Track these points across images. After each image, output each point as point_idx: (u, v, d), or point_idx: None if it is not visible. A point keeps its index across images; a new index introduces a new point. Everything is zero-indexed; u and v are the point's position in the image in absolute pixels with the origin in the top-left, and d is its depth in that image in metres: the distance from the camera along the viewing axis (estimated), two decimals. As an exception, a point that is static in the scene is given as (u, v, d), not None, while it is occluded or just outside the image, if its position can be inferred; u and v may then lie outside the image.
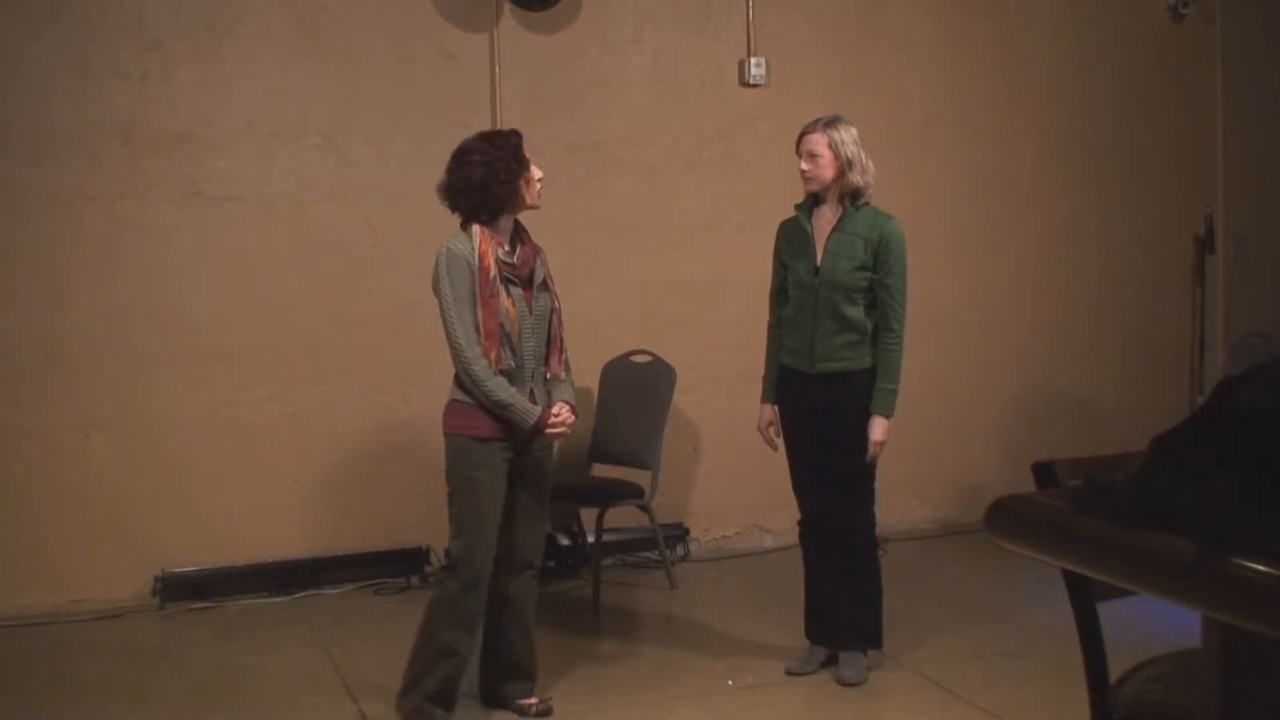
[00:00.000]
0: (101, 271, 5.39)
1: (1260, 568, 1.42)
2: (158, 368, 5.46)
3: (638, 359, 5.82)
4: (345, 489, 5.67)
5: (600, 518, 5.40)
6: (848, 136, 4.29)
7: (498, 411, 3.86)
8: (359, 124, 5.52)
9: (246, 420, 5.56)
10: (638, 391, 5.72)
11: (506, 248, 3.91)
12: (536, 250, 4.01)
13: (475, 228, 3.87)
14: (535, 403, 3.96)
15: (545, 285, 4.00)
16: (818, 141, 4.29)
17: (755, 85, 6.14)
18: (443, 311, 3.84)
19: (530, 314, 3.92)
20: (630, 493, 5.46)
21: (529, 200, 3.96)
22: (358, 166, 5.64)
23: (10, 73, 5.26)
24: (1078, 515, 1.68)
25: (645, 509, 5.54)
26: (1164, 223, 6.93)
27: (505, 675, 4.10)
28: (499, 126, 5.77)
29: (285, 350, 5.58)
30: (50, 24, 5.28)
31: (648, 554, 5.92)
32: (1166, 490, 1.57)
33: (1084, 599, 2.00)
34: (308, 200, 5.58)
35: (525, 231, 4.03)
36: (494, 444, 3.89)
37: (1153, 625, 2.77)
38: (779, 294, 4.52)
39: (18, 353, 5.30)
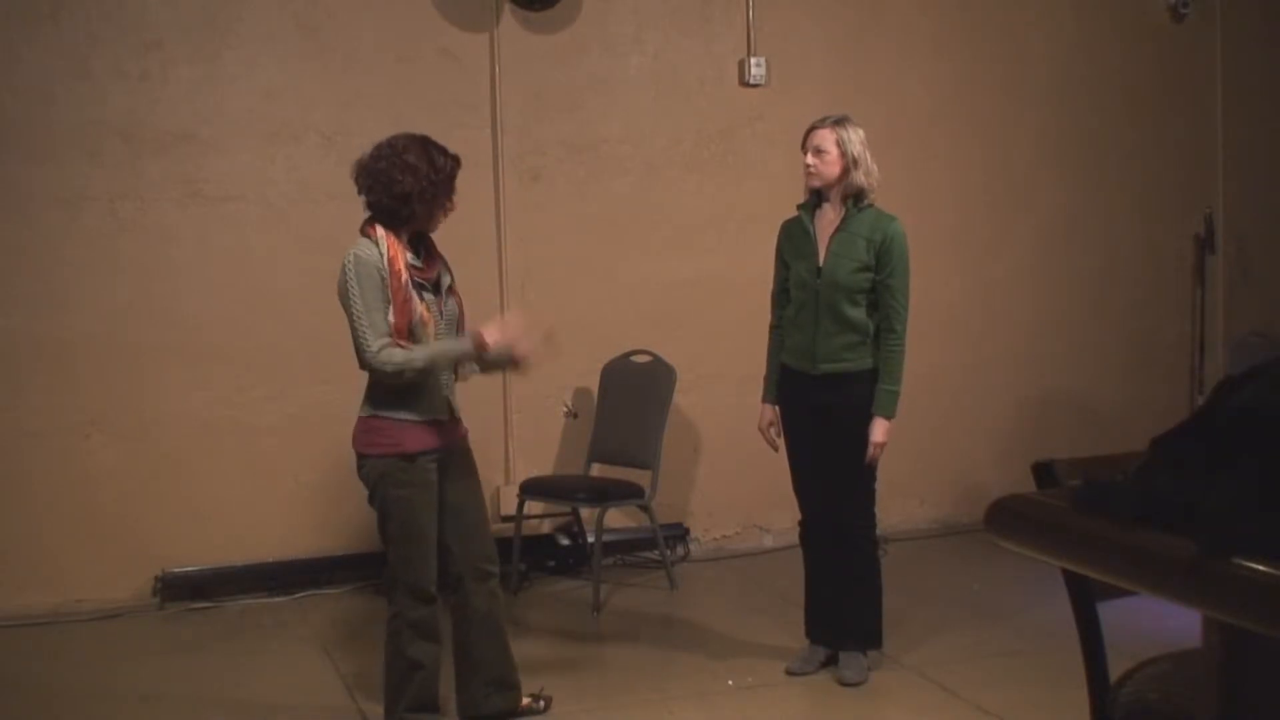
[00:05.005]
0: (101, 271, 5.39)
1: (1260, 568, 1.42)
2: (158, 368, 5.46)
3: (638, 359, 5.82)
4: (346, 489, 5.64)
5: (600, 518, 5.40)
6: (855, 136, 4.29)
7: (437, 368, 3.71)
8: (359, 124, 5.50)
9: (246, 420, 5.57)
10: (638, 391, 5.72)
11: (410, 253, 3.78)
12: (440, 255, 3.90)
13: (380, 232, 3.72)
14: (451, 411, 3.86)
15: (452, 290, 3.89)
16: (825, 137, 4.29)
17: (755, 85, 6.14)
18: (352, 321, 3.68)
19: (441, 319, 3.81)
20: (630, 493, 5.47)
21: (433, 227, 3.85)
22: (358, 166, 5.64)
23: (10, 73, 5.26)
24: (1078, 515, 1.68)
25: (645, 509, 5.54)
26: (1164, 223, 6.94)
27: (488, 691, 4.00)
28: (499, 126, 5.80)
29: (285, 350, 5.58)
30: (50, 24, 5.28)
31: (648, 554, 5.92)
32: (1166, 490, 1.57)
33: (1084, 599, 2.00)
34: (308, 200, 5.58)
35: (427, 236, 3.89)
36: (421, 459, 3.77)
37: (1153, 625, 2.77)
38: (780, 294, 4.52)
39: (18, 353, 5.31)
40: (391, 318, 3.67)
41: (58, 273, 5.34)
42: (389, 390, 3.74)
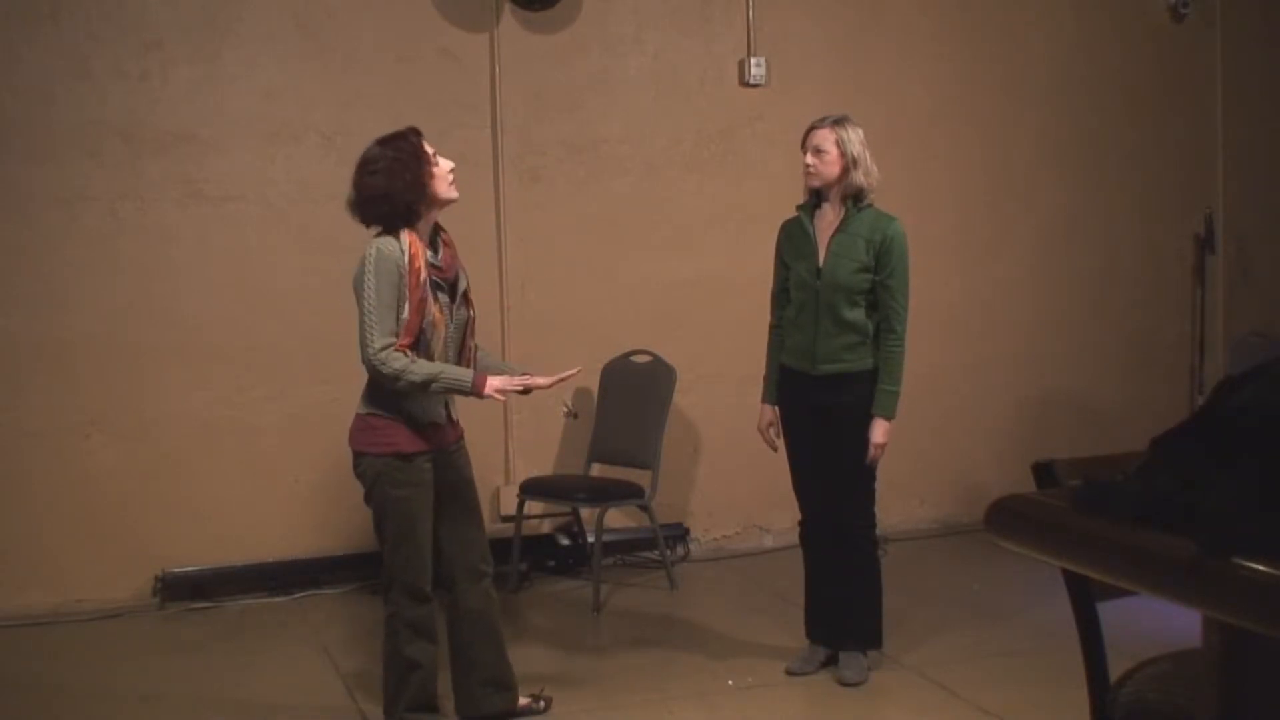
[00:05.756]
0: (101, 271, 5.39)
1: (1260, 568, 1.42)
2: (158, 368, 5.46)
3: (638, 359, 5.82)
4: (346, 489, 5.63)
5: (600, 518, 5.40)
6: (854, 136, 4.29)
7: (434, 390, 3.69)
8: (359, 124, 5.50)
9: (246, 420, 5.57)
10: (638, 391, 5.72)
11: (429, 250, 3.77)
12: (457, 254, 3.89)
13: (403, 232, 3.72)
14: (450, 414, 3.88)
15: (465, 296, 3.88)
16: (825, 137, 4.29)
17: (755, 85, 6.14)
18: (362, 314, 3.67)
19: (451, 322, 3.81)
20: (630, 493, 5.47)
21: (442, 195, 3.77)
22: (358, 166, 5.64)
23: (10, 73, 5.26)
24: (1078, 515, 1.68)
25: (645, 509, 5.54)
26: (1164, 223, 6.94)
27: (484, 692, 4.00)
28: (499, 126, 5.80)
29: (285, 350, 5.59)
30: (50, 24, 5.28)
31: (648, 554, 5.92)
32: (1166, 490, 1.57)
33: (1084, 599, 1.99)
34: (308, 200, 5.57)
35: (445, 233, 3.89)
36: (417, 459, 3.77)
37: (1153, 625, 2.77)
38: (780, 294, 4.52)
39: (18, 353, 5.31)
40: (405, 315, 3.67)
41: (58, 273, 5.34)
42: (387, 390, 3.74)
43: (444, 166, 3.80)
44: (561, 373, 3.91)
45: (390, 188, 3.71)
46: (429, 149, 3.79)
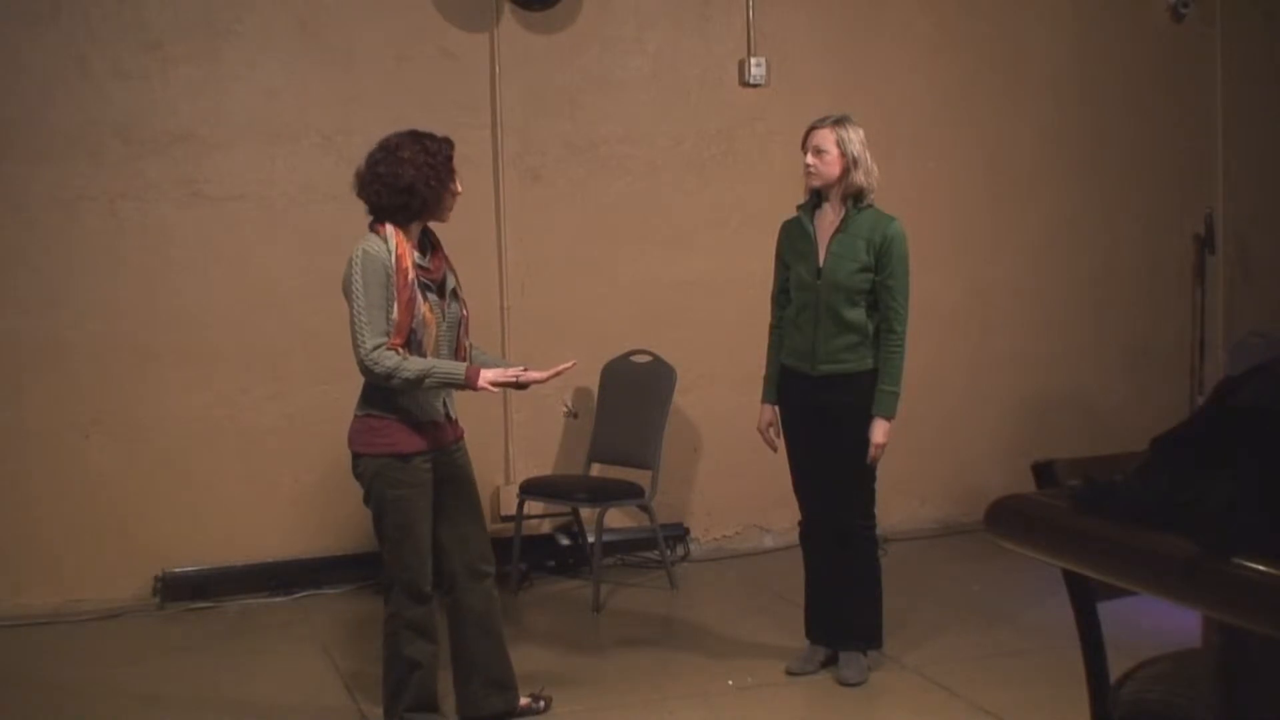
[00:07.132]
0: (101, 271, 5.39)
1: (1260, 568, 1.42)
2: (158, 367, 5.46)
3: (638, 359, 5.82)
4: (345, 489, 5.63)
5: (600, 518, 5.40)
6: (855, 136, 4.29)
7: (428, 385, 3.69)
8: (359, 124, 5.51)
9: (246, 420, 5.57)
10: (638, 391, 5.73)
11: (418, 252, 3.78)
12: (446, 256, 3.90)
13: (390, 229, 3.72)
14: (449, 414, 3.88)
15: (455, 294, 3.88)
16: (825, 137, 4.29)
17: (755, 85, 6.14)
18: (352, 316, 3.68)
19: (444, 320, 3.81)
20: (630, 493, 5.47)
21: (444, 215, 3.84)
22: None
23: (10, 73, 5.26)
24: (1078, 515, 1.68)
25: (645, 509, 5.54)
26: (1164, 223, 6.93)
27: (486, 692, 4.00)
28: (499, 126, 5.80)
29: (285, 350, 5.59)
30: (50, 24, 5.28)
31: (648, 554, 5.92)
32: (1166, 490, 1.57)
33: (1084, 599, 1.99)
34: (308, 200, 5.58)
35: (434, 236, 3.90)
36: (416, 459, 3.77)
37: (1153, 625, 2.77)
38: (780, 294, 4.52)
39: (18, 353, 5.31)
40: (395, 315, 3.67)
41: (58, 273, 5.34)
42: (385, 390, 3.74)
43: (457, 188, 3.84)
44: (557, 366, 3.91)
45: (415, 185, 3.72)
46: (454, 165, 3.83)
